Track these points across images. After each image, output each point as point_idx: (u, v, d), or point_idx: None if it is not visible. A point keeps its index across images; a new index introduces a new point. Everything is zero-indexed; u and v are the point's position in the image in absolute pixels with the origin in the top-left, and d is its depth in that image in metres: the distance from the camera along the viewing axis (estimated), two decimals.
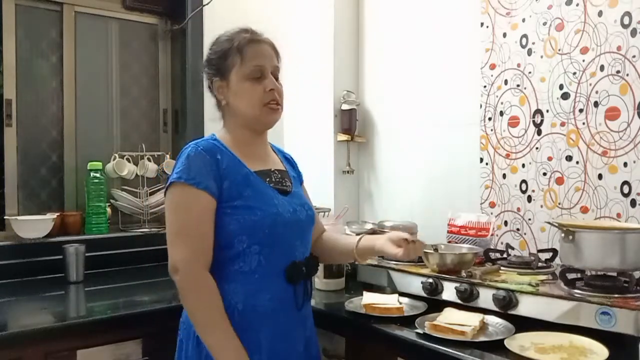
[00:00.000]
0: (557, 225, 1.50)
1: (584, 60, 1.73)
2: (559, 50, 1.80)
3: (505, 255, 1.79)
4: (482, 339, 1.34)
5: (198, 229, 1.21)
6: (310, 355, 1.38)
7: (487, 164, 2.02)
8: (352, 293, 1.85)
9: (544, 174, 1.84)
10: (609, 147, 1.67)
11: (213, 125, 1.44)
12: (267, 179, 1.32)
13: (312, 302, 1.55)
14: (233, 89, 1.31)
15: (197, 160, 1.24)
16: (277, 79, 1.35)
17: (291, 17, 2.65)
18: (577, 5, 1.75)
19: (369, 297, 1.67)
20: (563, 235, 1.44)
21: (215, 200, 1.23)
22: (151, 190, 2.54)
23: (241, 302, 1.24)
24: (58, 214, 2.30)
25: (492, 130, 2.00)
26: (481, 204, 2.03)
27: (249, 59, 1.30)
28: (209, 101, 1.43)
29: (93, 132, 2.53)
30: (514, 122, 1.93)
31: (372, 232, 2.16)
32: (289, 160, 1.50)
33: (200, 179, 1.22)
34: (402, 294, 1.71)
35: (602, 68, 1.69)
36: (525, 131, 1.90)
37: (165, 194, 1.28)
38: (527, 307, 1.41)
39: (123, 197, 2.48)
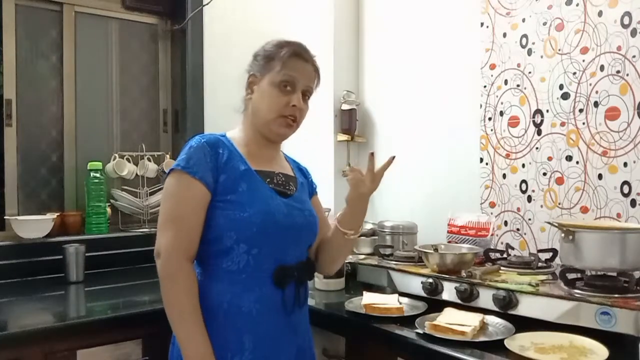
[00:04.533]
0: (557, 225, 1.50)
1: (584, 60, 1.73)
2: (559, 50, 1.80)
3: (505, 255, 1.79)
4: (482, 339, 1.34)
5: (187, 218, 1.22)
6: None
7: (487, 164, 2.01)
8: (352, 293, 1.85)
9: (544, 174, 1.84)
10: (609, 147, 1.67)
11: (213, 126, 1.44)
12: (268, 179, 1.31)
13: (312, 302, 1.55)
14: (262, 88, 1.33)
15: (197, 151, 1.26)
16: (306, 99, 1.36)
17: (291, 17, 2.65)
18: (577, 5, 1.75)
19: (369, 297, 1.67)
20: (563, 235, 1.44)
21: (210, 192, 1.24)
22: (151, 190, 2.53)
23: (227, 301, 1.23)
24: (58, 214, 2.30)
25: (492, 130, 2.00)
26: (481, 204, 2.03)
27: (287, 69, 1.31)
28: (209, 101, 1.43)
29: (93, 132, 2.53)
30: (514, 122, 1.93)
31: (372, 232, 2.18)
32: (302, 171, 1.49)
33: (197, 168, 1.23)
34: (402, 294, 1.71)
35: (602, 68, 1.69)
36: (525, 131, 1.90)
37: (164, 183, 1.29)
38: (527, 307, 1.41)
39: (123, 197, 2.48)
